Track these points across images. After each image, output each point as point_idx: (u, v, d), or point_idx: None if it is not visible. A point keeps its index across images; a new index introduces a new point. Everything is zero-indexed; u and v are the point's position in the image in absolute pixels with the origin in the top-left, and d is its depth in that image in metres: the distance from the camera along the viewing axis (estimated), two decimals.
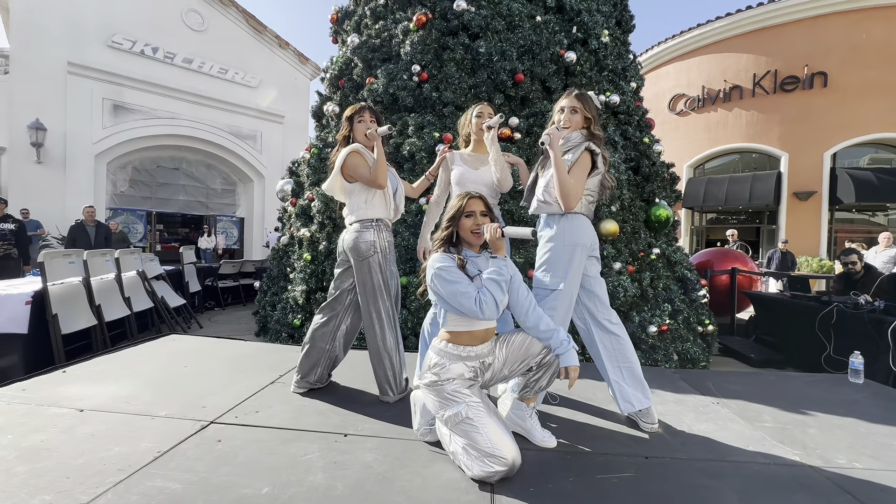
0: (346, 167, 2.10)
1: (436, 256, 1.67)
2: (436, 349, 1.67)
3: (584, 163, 1.92)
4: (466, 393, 1.58)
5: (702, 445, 1.82)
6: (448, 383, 1.59)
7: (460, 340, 1.65)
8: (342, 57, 4.62)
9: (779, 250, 8.32)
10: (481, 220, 1.72)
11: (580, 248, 1.91)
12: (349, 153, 2.10)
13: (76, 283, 3.68)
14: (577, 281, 1.95)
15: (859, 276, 4.20)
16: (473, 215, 1.72)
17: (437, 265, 1.62)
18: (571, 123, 1.99)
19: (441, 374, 1.61)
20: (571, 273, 1.90)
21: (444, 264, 1.62)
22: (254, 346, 3.29)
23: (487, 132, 2.17)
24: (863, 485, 1.55)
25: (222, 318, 5.98)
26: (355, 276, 2.18)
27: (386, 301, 2.15)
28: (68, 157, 8.42)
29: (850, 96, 10.28)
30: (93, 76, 8.64)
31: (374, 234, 2.13)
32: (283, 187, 4.77)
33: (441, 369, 1.61)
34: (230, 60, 10.48)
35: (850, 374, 2.76)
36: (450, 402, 1.57)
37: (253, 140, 11.03)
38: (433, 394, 1.61)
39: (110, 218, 9.14)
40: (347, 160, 2.10)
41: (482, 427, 1.50)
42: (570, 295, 1.93)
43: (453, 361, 1.62)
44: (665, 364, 3.46)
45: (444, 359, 1.63)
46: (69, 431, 1.71)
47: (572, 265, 1.90)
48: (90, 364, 2.58)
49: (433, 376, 1.62)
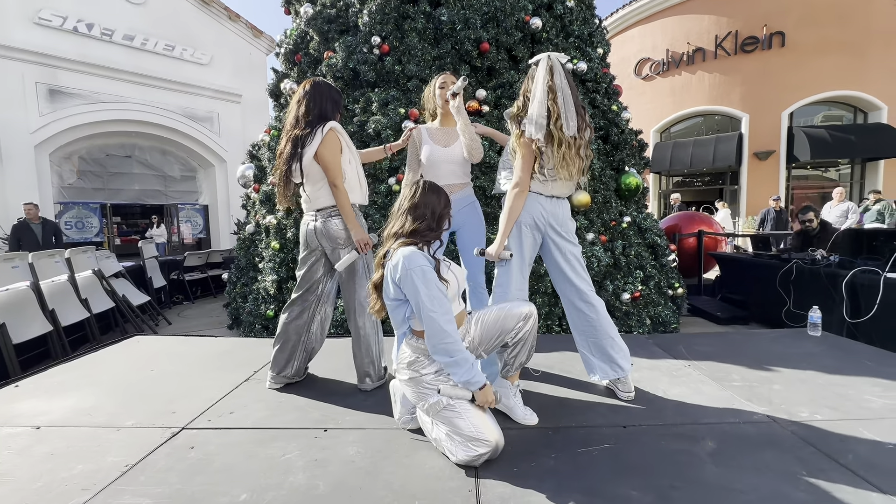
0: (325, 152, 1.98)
1: (411, 251, 1.53)
2: (410, 345, 1.61)
3: (524, 152, 1.85)
4: (445, 380, 1.55)
5: (676, 410, 1.88)
6: (428, 376, 1.56)
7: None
8: (296, 30, 4.33)
9: (772, 209, 7.71)
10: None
11: (524, 225, 1.93)
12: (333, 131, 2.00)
13: (24, 287, 3.43)
14: (526, 257, 1.97)
15: (816, 233, 4.40)
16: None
17: (419, 262, 1.49)
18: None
19: (420, 369, 1.57)
20: (517, 249, 1.94)
21: (426, 265, 1.51)
22: (225, 342, 3.17)
23: (453, 100, 2.08)
24: (824, 436, 1.63)
25: (192, 313, 5.77)
26: (331, 263, 2.10)
27: (364, 287, 2.08)
28: (3, 149, 7.74)
29: (807, 55, 10.54)
30: (21, 58, 7.85)
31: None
32: (244, 173, 4.52)
33: (419, 364, 1.57)
34: (176, 36, 9.71)
35: (809, 328, 2.91)
36: (430, 392, 1.54)
37: (210, 122, 10.41)
38: (413, 386, 1.58)
39: (60, 213, 8.57)
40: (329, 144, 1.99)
41: (464, 412, 1.49)
42: (517, 270, 1.95)
43: (428, 356, 1.58)
44: (638, 329, 3.56)
45: (420, 354, 1.58)
46: (25, 452, 1.60)
47: (516, 241, 1.94)
48: (45, 375, 2.42)
49: (412, 373, 1.57)
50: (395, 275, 1.52)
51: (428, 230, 1.62)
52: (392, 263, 1.54)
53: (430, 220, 1.62)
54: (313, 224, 2.08)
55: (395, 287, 1.55)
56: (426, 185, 1.68)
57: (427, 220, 1.61)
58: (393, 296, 1.57)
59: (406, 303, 1.56)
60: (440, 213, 1.65)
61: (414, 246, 1.56)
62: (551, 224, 1.95)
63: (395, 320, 1.64)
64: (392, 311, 1.62)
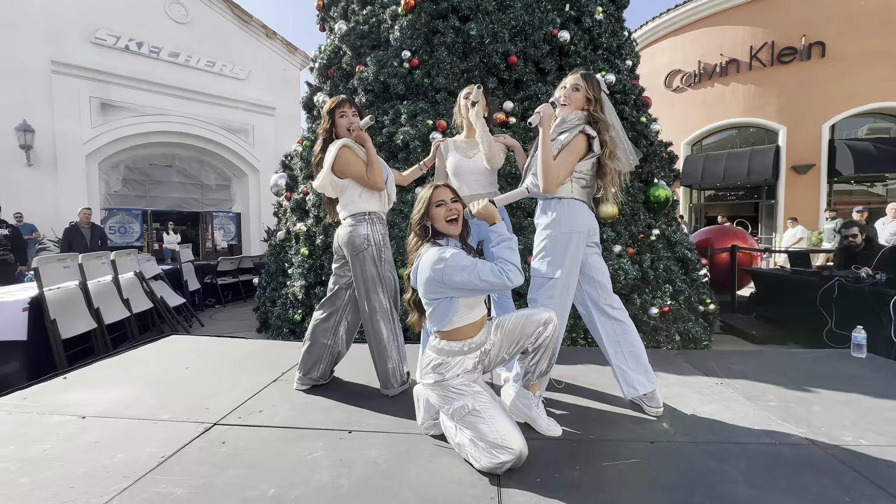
0: (338, 164, 2.05)
1: (433, 251, 1.56)
2: (435, 349, 1.62)
3: (577, 145, 1.86)
4: (471, 385, 1.56)
5: (707, 428, 1.82)
6: (453, 379, 1.57)
7: (460, 335, 1.60)
8: (330, 45, 4.51)
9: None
10: (453, 207, 1.66)
11: (576, 234, 1.87)
12: (340, 149, 2.04)
13: (73, 286, 3.65)
14: (576, 269, 1.92)
15: (860, 250, 4.18)
16: (444, 204, 1.66)
17: (444, 256, 1.52)
18: (571, 101, 1.94)
19: (445, 372, 1.58)
20: (568, 261, 1.87)
21: (452, 252, 1.54)
22: (255, 343, 3.28)
23: (472, 108, 2.12)
24: (869, 461, 1.55)
25: (223, 316, 5.98)
26: (351, 270, 2.15)
27: (381, 294, 2.12)
28: (59, 158, 8.31)
29: (849, 66, 10.12)
30: (78, 74, 8.46)
31: (368, 227, 2.09)
32: (276, 181, 4.70)
33: (444, 367, 1.58)
34: (217, 52, 10.26)
35: (853, 349, 2.76)
36: (455, 396, 1.55)
37: (245, 134, 10.88)
38: (437, 390, 1.59)
39: (106, 219, 9.08)
40: (339, 157, 2.04)
41: (489, 418, 1.48)
42: (568, 283, 1.90)
43: (455, 357, 1.59)
44: (667, 345, 3.46)
45: (445, 356, 1.59)
46: (72, 439, 1.70)
47: (568, 253, 1.87)
48: (91, 369, 2.56)
49: (437, 376, 1.58)
50: (425, 277, 1.55)
51: (435, 234, 1.66)
52: (420, 269, 1.59)
53: (424, 222, 1.66)
54: (339, 231, 2.17)
55: (429, 289, 1.57)
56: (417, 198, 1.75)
57: (422, 225, 1.66)
58: (433, 296, 1.58)
59: (443, 299, 1.57)
60: (423, 211, 1.66)
61: (432, 245, 1.62)
62: (593, 232, 1.96)
63: (434, 320, 1.63)
64: (431, 314, 1.62)
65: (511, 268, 1.52)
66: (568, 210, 1.89)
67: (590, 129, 1.88)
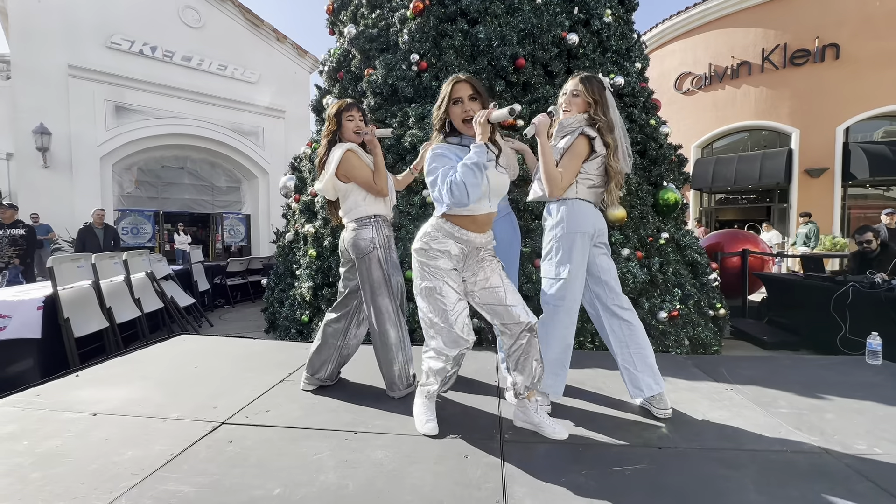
0: (343, 168, 2.06)
1: (437, 146, 1.68)
2: (432, 224, 1.72)
3: (578, 148, 1.88)
4: (447, 277, 1.67)
5: (716, 434, 1.79)
6: (435, 257, 1.67)
7: (456, 221, 1.67)
8: (339, 49, 4.55)
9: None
10: (470, 107, 1.63)
11: (580, 234, 1.88)
12: (345, 153, 2.05)
13: (86, 286, 3.72)
14: (583, 269, 1.93)
15: (875, 255, 4.10)
16: (460, 102, 1.64)
17: (434, 149, 1.66)
18: (572, 107, 1.96)
19: (431, 243, 1.68)
20: (574, 261, 1.88)
21: (444, 148, 1.65)
22: (263, 344, 3.30)
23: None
24: (884, 471, 1.51)
25: (232, 316, 6.03)
26: (357, 273, 2.16)
27: (386, 296, 2.12)
28: (74, 160, 8.48)
29: (864, 68, 9.95)
30: (94, 78, 8.64)
31: (373, 230, 2.10)
32: (285, 183, 4.74)
33: (432, 240, 1.68)
34: (229, 56, 10.41)
35: (868, 356, 2.70)
36: (428, 275, 1.68)
37: (255, 136, 11.00)
38: (419, 257, 1.71)
39: (119, 220, 9.23)
40: (345, 161, 2.05)
41: (450, 308, 1.64)
42: (576, 284, 1.90)
43: (445, 237, 1.67)
44: (676, 350, 3.42)
45: (438, 232, 1.69)
46: (83, 436, 1.72)
47: (573, 253, 1.88)
48: (102, 367, 2.60)
49: (423, 244, 1.70)
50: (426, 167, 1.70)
51: (452, 131, 1.72)
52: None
53: (442, 117, 1.70)
54: (344, 235, 2.18)
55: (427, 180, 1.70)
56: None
57: (440, 119, 1.71)
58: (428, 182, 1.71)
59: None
60: (443, 106, 1.70)
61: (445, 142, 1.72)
62: (600, 233, 1.96)
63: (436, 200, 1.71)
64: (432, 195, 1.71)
65: (458, 183, 1.54)
66: (573, 210, 1.90)
67: (589, 131, 1.89)
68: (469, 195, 1.54)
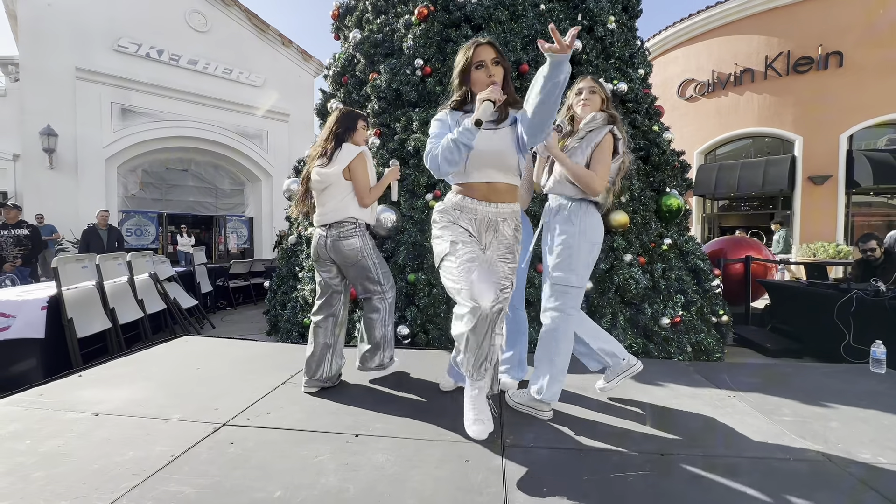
0: (354, 164, 2.15)
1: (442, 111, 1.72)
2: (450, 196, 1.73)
3: (608, 145, 1.91)
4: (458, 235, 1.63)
5: (718, 441, 1.78)
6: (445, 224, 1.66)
7: (464, 191, 1.66)
8: (344, 53, 4.58)
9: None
10: (494, 71, 1.55)
11: (597, 246, 1.93)
12: (361, 153, 2.18)
13: (90, 287, 3.73)
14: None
15: (879, 263, 4.08)
16: (484, 66, 1.57)
17: (438, 114, 1.70)
18: (591, 103, 2.00)
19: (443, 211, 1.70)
20: (590, 270, 1.95)
21: (443, 113, 1.68)
22: (265, 346, 3.31)
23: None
24: (888, 480, 1.50)
25: (234, 318, 6.04)
26: (348, 275, 2.28)
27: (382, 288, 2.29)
28: (80, 161, 8.53)
29: (867, 76, 9.95)
30: (101, 81, 8.71)
31: (360, 239, 2.21)
32: (289, 186, 4.76)
33: (443, 208, 1.71)
34: (234, 60, 10.48)
35: (872, 364, 2.69)
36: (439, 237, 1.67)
37: (259, 139, 11.06)
38: (434, 228, 1.71)
39: (122, 221, 9.27)
40: (359, 160, 2.16)
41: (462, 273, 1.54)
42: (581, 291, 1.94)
43: (454, 207, 1.67)
44: (679, 356, 3.41)
45: (447, 202, 1.71)
46: (85, 436, 1.73)
47: (591, 262, 1.93)
48: (105, 367, 2.61)
49: (436, 213, 1.73)
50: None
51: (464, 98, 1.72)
52: None
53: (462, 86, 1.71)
54: (324, 240, 2.23)
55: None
56: None
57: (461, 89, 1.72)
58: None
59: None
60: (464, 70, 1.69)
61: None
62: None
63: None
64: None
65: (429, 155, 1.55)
66: (595, 219, 1.94)
67: (616, 131, 1.92)
68: (440, 169, 1.55)
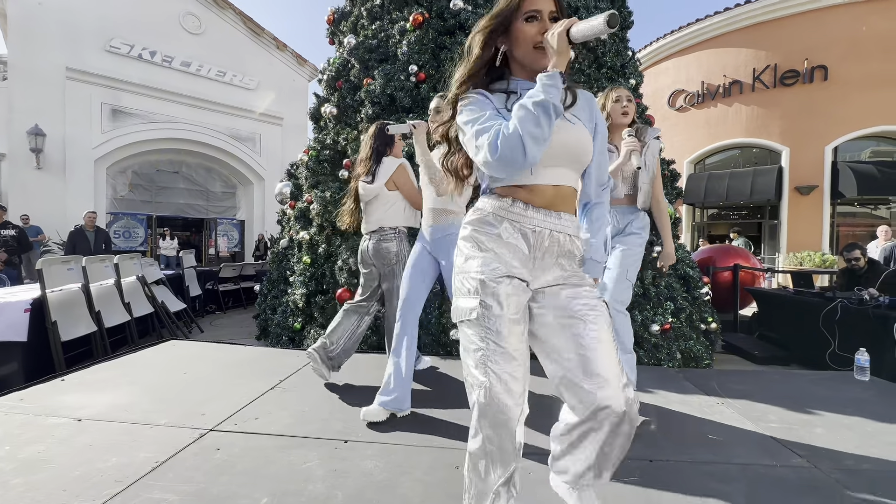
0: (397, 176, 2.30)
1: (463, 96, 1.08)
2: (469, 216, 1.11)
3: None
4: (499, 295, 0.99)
5: (707, 448, 1.79)
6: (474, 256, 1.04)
7: (531, 197, 1.06)
8: (339, 58, 4.59)
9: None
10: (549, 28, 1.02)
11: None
12: (401, 165, 2.33)
13: (75, 289, 3.66)
14: None
15: (863, 272, 4.16)
16: (537, 19, 1.05)
17: (467, 94, 1.08)
18: (630, 111, 2.03)
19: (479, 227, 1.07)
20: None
21: (476, 91, 1.08)
22: (254, 350, 3.27)
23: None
24: (873, 486, 1.52)
25: (223, 322, 5.97)
26: (383, 277, 2.39)
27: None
28: (68, 162, 8.42)
29: (852, 89, 10.21)
30: (91, 81, 8.62)
31: (397, 244, 2.34)
32: (281, 190, 4.74)
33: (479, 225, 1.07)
34: (228, 63, 10.45)
35: (856, 372, 2.73)
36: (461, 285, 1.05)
37: (252, 142, 11.01)
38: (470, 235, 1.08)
39: (111, 223, 9.15)
40: (401, 172, 2.31)
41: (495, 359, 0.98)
42: None
43: (493, 219, 1.06)
44: (668, 363, 3.43)
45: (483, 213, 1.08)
46: (67, 442, 1.69)
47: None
48: (89, 372, 2.56)
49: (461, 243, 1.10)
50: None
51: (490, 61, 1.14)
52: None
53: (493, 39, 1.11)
54: (367, 244, 2.39)
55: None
56: None
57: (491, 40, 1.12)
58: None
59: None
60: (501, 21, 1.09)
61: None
62: None
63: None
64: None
65: (510, 133, 0.93)
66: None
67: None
68: (526, 151, 0.92)
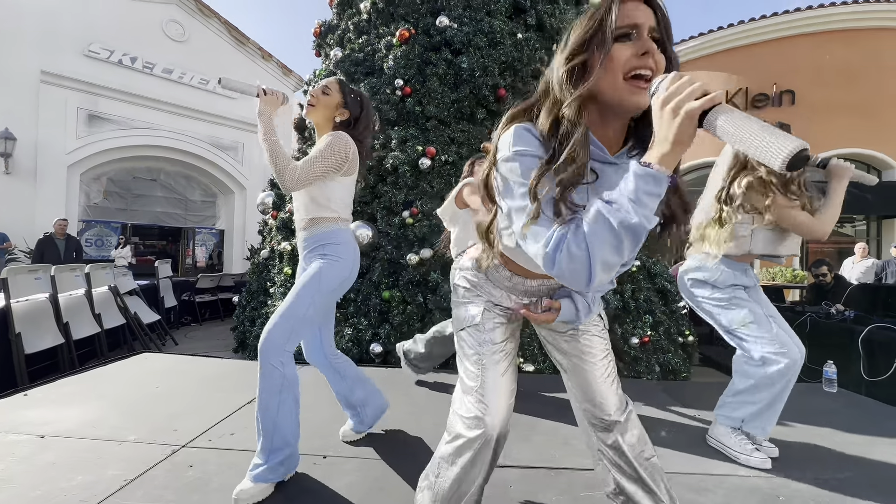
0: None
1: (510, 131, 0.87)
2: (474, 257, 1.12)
3: None
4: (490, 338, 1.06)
5: (685, 460, 1.82)
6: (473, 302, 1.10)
7: (515, 269, 1.06)
8: (325, 70, 4.61)
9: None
10: (650, 48, 0.78)
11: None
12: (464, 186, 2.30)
13: (42, 299, 3.52)
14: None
15: (830, 287, 4.34)
16: (635, 35, 0.78)
17: (517, 128, 0.87)
18: None
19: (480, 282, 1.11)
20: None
21: (527, 127, 0.87)
22: (230, 364, 3.18)
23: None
24: (841, 496, 1.57)
25: (199, 335, 5.80)
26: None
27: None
28: (39, 167, 8.13)
29: (817, 114, 10.76)
30: (67, 85, 8.40)
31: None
32: (263, 200, 4.68)
33: (479, 285, 1.11)
34: (211, 71, 10.33)
35: (825, 384, 2.82)
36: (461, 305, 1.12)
37: (234, 151, 10.87)
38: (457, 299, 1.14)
39: (82, 231, 8.84)
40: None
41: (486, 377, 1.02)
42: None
43: (490, 284, 1.11)
44: (647, 376, 3.48)
45: (480, 279, 1.11)
46: (28, 460, 1.61)
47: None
48: (54, 386, 2.45)
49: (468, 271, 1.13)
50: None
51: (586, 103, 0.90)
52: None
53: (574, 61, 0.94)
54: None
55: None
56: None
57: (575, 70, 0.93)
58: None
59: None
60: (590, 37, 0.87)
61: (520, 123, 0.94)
62: None
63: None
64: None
65: (570, 243, 0.71)
66: None
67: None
68: (593, 278, 0.71)
